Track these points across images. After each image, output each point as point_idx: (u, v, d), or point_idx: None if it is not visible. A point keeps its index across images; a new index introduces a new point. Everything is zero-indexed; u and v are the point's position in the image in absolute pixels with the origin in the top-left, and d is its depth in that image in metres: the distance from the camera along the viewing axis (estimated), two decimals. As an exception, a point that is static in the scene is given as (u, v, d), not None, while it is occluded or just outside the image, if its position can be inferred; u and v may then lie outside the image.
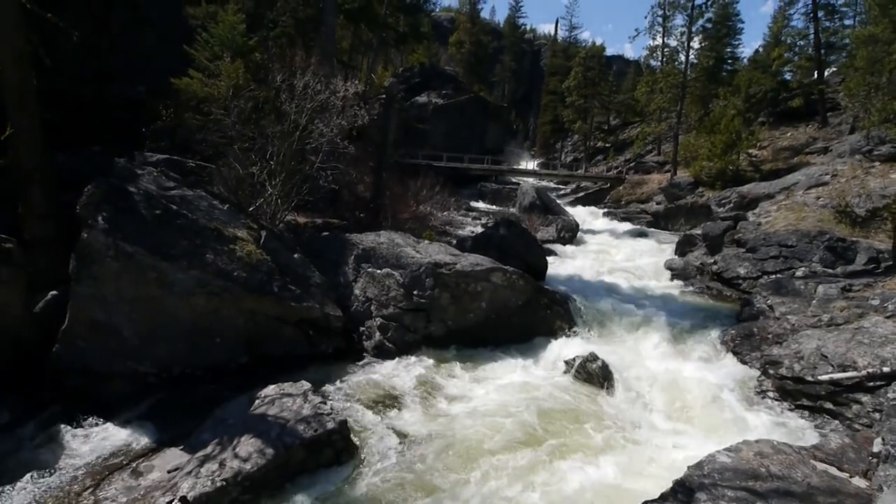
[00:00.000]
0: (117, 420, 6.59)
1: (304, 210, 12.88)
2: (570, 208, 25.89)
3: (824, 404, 7.24)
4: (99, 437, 6.31)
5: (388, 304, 9.51)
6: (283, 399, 6.29)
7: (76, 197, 7.26)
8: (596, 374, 8.11)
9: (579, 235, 20.79)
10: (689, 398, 7.65)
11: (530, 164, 42.84)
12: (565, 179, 37.74)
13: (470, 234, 15.98)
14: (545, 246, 16.56)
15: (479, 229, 16.09)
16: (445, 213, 19.82)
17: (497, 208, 25.96)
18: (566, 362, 8.55)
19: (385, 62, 42.15)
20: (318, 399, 6.34)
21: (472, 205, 25.76)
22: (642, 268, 16.02)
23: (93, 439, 6.26)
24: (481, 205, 27.26)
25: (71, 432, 6.32)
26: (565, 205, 26.96)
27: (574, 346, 9.32)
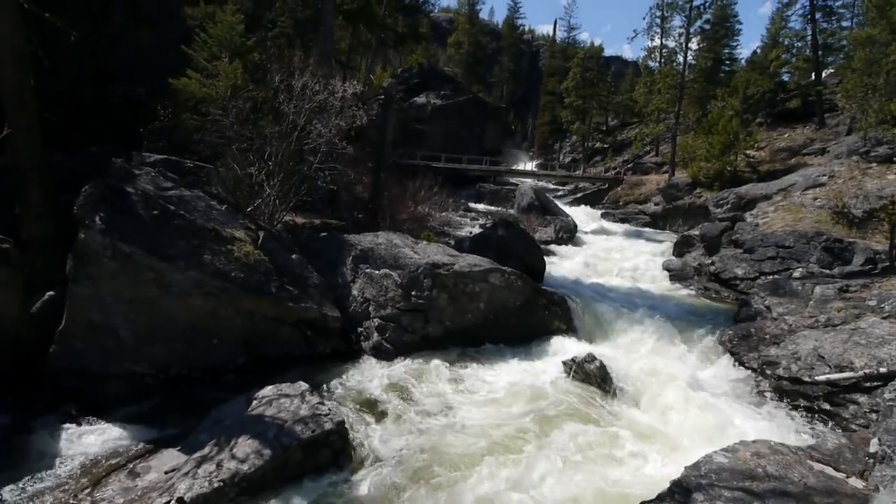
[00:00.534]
0: (114, 421, 6.57)
1: (302, 210, 12.85)
2: (568, 209, 25.88)
3: (821, 405, 7.26)
4: (96, 437, 6.29)
5: (386, 305, 9.51)
6: (281, 400, 6.27)
7: (74, 197, 7.24)
8: (594, 375, 8.12)
9: (577, 236, 20.85)
10: (687, 399, 7.66)
11: (529, 164, 42.93)
12: (563, 180, 37.73)
13: (468, 235, 15.93)
14: (543, 246, 16.58)
15: (477, 230, 16.06)
16: (444, 214, 19.74)
17: (495, 209, 25.91)
18: (564, 363, 8.55)
19: (383, 63, 42.10)
20: (316, 400, 6.32)
21: (471, 205, 25.66)
22: (640, 268, 16.11)
23: (90, 440, 6.24)
24: (479, 205, 27.18)
25: (68, 433, 6.29)
26: (563, 205, 26.98)
27: (572, 347, 9.38)
